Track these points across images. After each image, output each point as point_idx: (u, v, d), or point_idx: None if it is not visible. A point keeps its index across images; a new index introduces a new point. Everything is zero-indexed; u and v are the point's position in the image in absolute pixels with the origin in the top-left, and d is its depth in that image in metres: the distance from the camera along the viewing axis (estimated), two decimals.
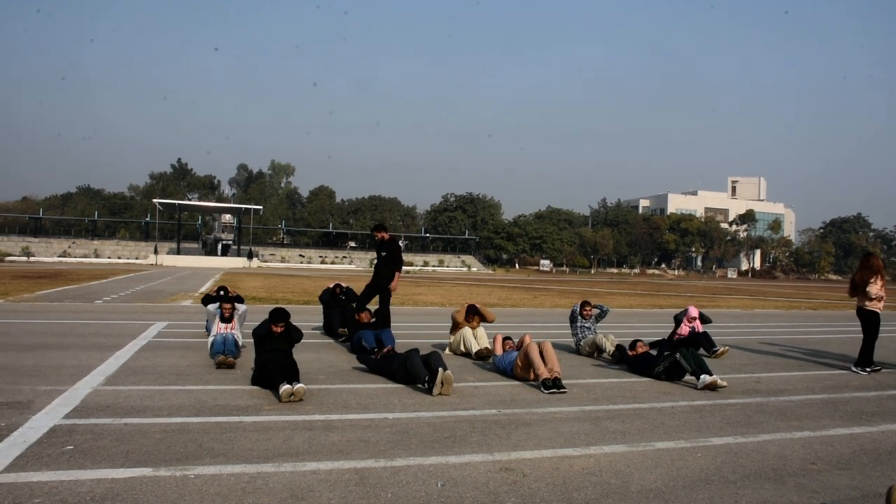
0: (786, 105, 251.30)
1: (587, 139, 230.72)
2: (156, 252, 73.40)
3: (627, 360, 8.58)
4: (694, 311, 10.38)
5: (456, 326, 9.61)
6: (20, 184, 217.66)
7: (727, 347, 10.12)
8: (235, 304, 8.78)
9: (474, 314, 9.62)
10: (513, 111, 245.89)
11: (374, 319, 9.72)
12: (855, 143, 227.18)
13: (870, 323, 9.36)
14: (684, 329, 10.20)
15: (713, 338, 10.30)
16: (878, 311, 9.35)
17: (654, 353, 8.38)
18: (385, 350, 7.88)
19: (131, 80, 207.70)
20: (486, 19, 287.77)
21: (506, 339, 8.50)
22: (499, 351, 8.29)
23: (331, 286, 11.58)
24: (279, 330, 6.92)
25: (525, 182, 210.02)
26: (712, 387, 7.17)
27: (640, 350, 8.52)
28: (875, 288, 9.30)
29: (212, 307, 8.81)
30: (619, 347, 9.06)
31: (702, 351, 9.42)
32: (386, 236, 10.80)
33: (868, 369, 9.12)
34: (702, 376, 7.25)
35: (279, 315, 6.95)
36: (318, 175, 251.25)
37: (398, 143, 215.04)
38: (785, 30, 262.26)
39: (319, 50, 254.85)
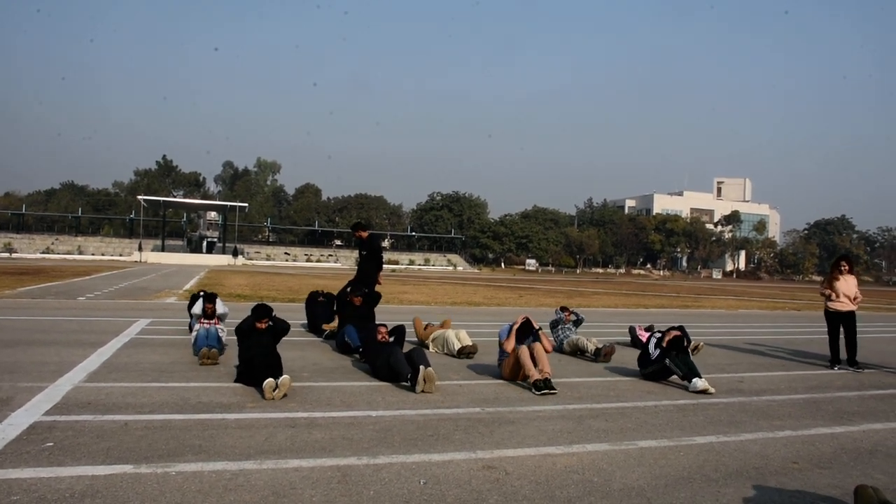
0: (772, 106, 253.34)
1: (574, 139, 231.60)
2: (140, 249, 73.02)
3: (657, 342, 7.96)
4: (637, 327, 11.15)
5: (424, 333, 10.00)
6: (3, 179, 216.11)
7: (701, 343, 10.37)
8: (217, 303, 8.82)
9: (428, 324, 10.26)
10: (503, 110, 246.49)
11: (362, 302, 9.82)
12: (840, 145, 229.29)
13: (828, 321, 10.05)
14: (643, 335, 10.39)
15: (695, 337, 10.39)
16: (828, 309, 9.96)
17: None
18: (380, 336, 7.86)
19: (131, 80, 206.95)
20: (486, 19, 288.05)
21: (525, 321, 7.64)
22: (510, 344, 7.47)
23: (316, 291, 11.75)
24: (263, 326, 6.90)
25: (511, 181, 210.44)
26: (702, 391, 7.15)
27: (671, 336, 7.81)
28: (829, 289, 9.95)
29: (196, 308, 8.88)
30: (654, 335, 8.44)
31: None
32: (365, 235, 10.85)
33: (836, 367, 9.55)
34: (693, 380, 7.23)
35: (262, 311, 6.95)
36: (304, 172, 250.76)
37: (386, 141, 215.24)
38: (779, 31, 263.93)
39: (319, 50, 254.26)
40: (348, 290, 10.17)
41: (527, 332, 7.63)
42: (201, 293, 10.20)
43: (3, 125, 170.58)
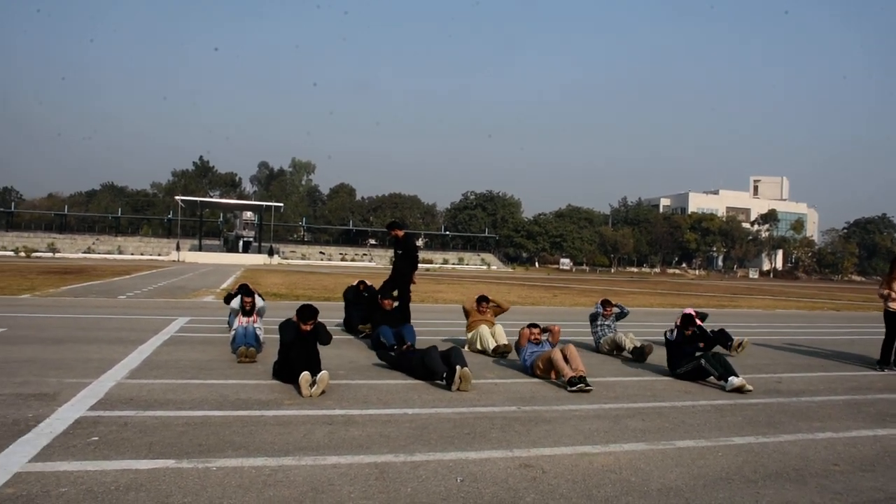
0: (809, 103, 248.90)
1: (608, 137, 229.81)
2: (178, 249, 74.10)
3: (677, 338, 8.06)
4: (690, 311, 10.43)
5: (469, 317, 9.68)
6: (46, 181, 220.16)
7: (745, 339, 10.12)
8: (255, 298, 8.88)
9: (486, 302, 9.78)
10: (529, 108, 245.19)
11: (396, 304, 9.78)
12: (880, 142, 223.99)
13: (886, 322, 9.64)
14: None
15: (734, 336, 10.26)
16: (889, 309, 9.60)
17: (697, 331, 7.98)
18: (405, 346, 7.89)
19: (131, 80, 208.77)
20: (486, 18, 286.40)
21: (532, 325, 8.15)
22: (523, 342, 8.01)
23: (354, 283, 11.60)
24: (307, 328, 6.64)
25: (545, 180, 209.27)
26: (739, 389, 7.10)
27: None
28: (887, 289, 9.64)
29: (234, 303, 8.94)
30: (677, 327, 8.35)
31: (720, 349, 9.37)
32: (401, 234, 10.86)
33: (885, 369, 9.29)
34: (729, 378, 7.16)
35: (307, 314, 6.64)
36: (337, 173, 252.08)
37: (416, 141, 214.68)
38: (804, 27, 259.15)
39: (319, 50, 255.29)
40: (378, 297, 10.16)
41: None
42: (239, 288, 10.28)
43: (3, 125, 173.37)
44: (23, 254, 67.39)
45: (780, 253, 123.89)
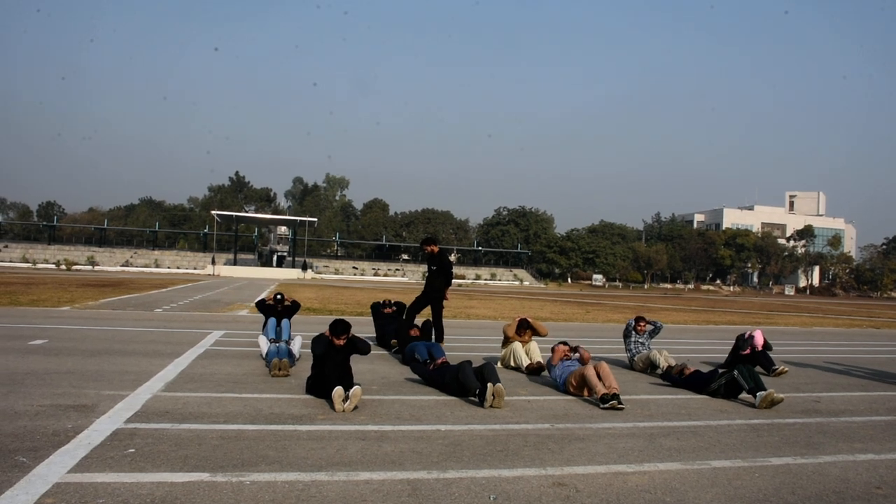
0: (846, 117, 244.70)
1: (641, 152, 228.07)
2: (213, 263, 74.91)
3: (678, 383, 8.36)
4: (760, 339, 10.16)
5: (507, 340, 9.54)
6: (87, 195, 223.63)
7: (786, 367, 9.89)
8: (293, 343, 8.93)
9: (526, 328, 9.50)
10: (561, 121, 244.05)
11: (419, 335, 9.72)
12: None
13: None
14: (747, 351, 10.01)
15: (771, 356, 10.08)
16: None
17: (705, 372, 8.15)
18: (439, 361, 7.87)
19: (131, 80, 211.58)
20: (485, 20, 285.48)
21: (562, 342, 8.22)
22: (556, 360, 8.02)
23: (380, 301, 11.63)
24: (340, 343, 6.66)
25: (578, 196, 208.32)
26: (769, 399, 7.00)
27: (687, 373, 8.29)
28: None
29: (264, 345, 8.90)
30: (667, 374, 8.78)
31: (760, 370, 9.25)
32: (436, 249, 10.85)
33: None
34: (758, 393, 7.09)
35: (340, 328, 6.64)
36: (370, 188, 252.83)
37: (449, 156, 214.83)
38: (847, 39, 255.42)
39: (319, 50, 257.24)
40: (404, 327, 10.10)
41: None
42: (278, 296, 10.32)
43: (2, 126, 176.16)
44: (64, 267, 68.90)
45: (816, 269, 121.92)
